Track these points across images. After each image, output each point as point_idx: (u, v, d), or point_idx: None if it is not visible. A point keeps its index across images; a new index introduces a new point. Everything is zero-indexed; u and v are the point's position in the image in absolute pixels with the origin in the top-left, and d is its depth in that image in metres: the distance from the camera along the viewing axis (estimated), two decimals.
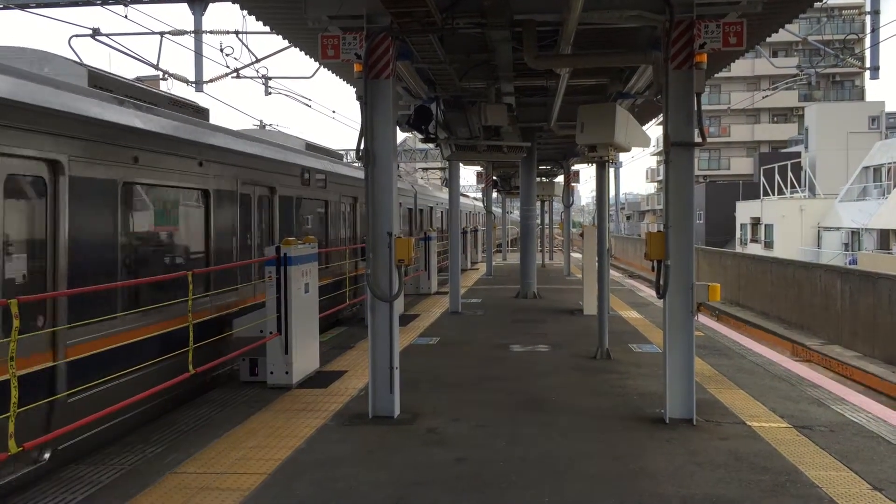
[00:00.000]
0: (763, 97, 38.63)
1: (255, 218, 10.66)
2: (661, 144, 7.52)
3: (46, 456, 6.11)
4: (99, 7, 15.46)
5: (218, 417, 7.42)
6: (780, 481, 5.59)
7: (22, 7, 15.75)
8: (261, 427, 7.06)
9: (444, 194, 28.47)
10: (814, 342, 19.64)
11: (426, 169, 45.31)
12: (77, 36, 15.58)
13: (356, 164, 17.58)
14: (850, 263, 30.19)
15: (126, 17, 15.03)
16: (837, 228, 36.97)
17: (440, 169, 41.06)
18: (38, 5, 15.68)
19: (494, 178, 29.69)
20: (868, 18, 19.56)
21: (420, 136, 12.86)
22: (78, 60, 8.22)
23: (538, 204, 28.48)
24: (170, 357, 7.58)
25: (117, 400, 6.53)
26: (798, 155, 47.83)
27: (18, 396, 5.07)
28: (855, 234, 35.20)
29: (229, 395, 8.33)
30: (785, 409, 7.58)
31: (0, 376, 5.48)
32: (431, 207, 26.76)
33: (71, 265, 6.55)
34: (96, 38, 15.41)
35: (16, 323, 5.03)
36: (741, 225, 46.77)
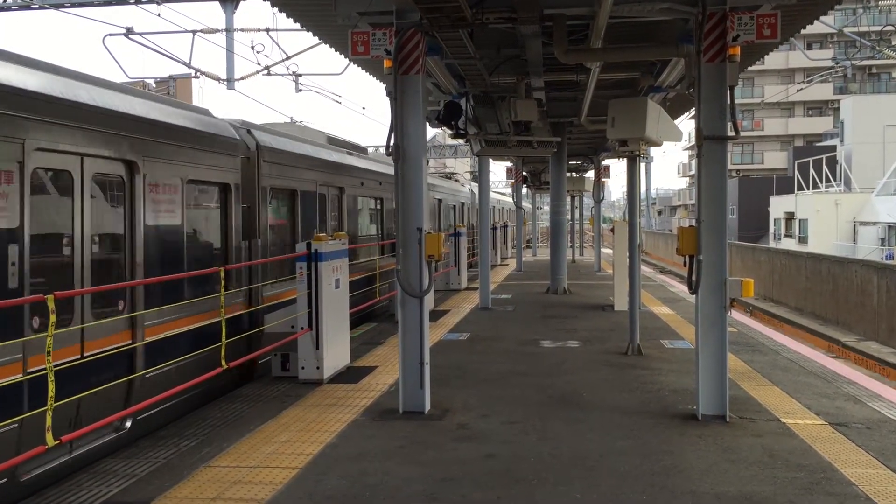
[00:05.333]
0: (797, 90, 38.18)
1: (387, 216, 16.23)
2: (693, 139, 7.44)
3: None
4: (133, 6, 15.66)
5: (250, 412, 7.50)
6: (816, 479, 5.52)
7: (57, 7, 16.01)
8: (292, 422, 7.11)
9: (496, 195, 34.81)
10: (849, 338, 19.33)
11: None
12: (111, 35, 15.82)
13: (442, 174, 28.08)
14: (887, 258, 29.68)
15: (159, 15, 15.24)
16: (874, 223, 36.32)
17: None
18: (73, 5, 15.92)
19: (524, 173, 29.65)
20: None
21: (450, 131, 12.87)
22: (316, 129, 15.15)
23: (568, 199, 28.52)
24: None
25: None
26: (833, 149, 47.01)
27: (56, 389, 5.07)
28: (892, 228, 34.56)
29: (261, 390, 8.42)
30: (820, 406, 7.48)
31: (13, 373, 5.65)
32: None
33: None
34: (129, 36, 15.63)
35: (52, 318, 4.96)
36: (775, 220, 46.15)
